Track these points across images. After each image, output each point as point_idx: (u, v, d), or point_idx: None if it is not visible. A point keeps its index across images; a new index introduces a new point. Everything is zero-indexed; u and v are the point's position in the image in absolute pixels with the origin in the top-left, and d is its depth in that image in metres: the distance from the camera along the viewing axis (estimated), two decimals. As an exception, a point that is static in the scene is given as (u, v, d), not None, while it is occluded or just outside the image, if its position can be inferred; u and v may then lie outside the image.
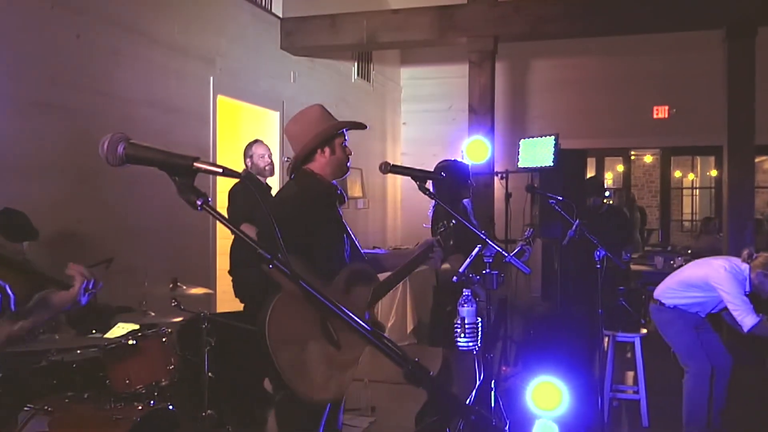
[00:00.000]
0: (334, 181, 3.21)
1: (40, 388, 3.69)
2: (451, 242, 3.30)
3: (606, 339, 5.62)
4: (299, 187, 3.12)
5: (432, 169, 4.39)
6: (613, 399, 5.72)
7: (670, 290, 5.20)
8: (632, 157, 14.34)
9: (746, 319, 4.75)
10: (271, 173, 5.77)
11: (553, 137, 6.60)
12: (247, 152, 5.70)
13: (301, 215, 2.97)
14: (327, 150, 3.13)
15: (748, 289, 4.90)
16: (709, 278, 4.98)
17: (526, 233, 4.96)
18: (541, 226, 6.72)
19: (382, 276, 3.25)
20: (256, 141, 5.77)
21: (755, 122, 7.14)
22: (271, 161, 5.72)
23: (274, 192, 6.24)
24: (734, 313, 4.81)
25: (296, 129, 3.18)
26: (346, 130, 3.21)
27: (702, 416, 4.98)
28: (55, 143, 4.96)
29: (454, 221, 3.26)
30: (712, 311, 5.09)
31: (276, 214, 2.97)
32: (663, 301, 5.18)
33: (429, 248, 3.29)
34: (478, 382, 4.27)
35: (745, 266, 4.95)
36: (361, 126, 3.30)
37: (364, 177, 10.10)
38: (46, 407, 3.47)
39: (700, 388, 4.96)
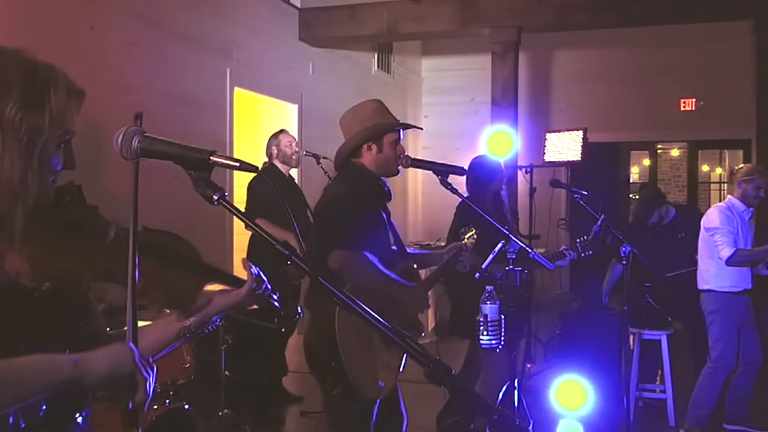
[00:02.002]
0: (383, 179, 3.24)
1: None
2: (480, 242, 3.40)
3: (632, 337, 5.50)
4: (348, 183, 3.15)
5: (453, 163, 4.31)
6: (639, 398, 5.61)
7: (704, 272, 5.07)
8: (659, 151, 14.12)
9: (723, 251, 4.77)
10: (297, 163, 5.78)
11: (581, 131, 6.48)
12: (273, 141, 5.68)
13: (355, 212, 3.02)
14: (374, 147, 3.14)
15: (743, 209, 4.90)
16: (705, 225, 4.97)
17: (577, 241, 4.80)
18: (570, 221, 6.59)
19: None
20: (282, 131, 5.77)
21: (785, 115, 7.01)
22: (298, 150, 5.73)
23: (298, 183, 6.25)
24: (717, 246, 4.82)
25: (348, 121, 3.23)
26: (402, 130, 3.24)
27: (708, 410, 4.97)
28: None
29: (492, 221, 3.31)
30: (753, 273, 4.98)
31: (330, 214, 3.09)
32: (708, 288, 5.03)
33: (458, 252, 3.37)
34: (503, 378, 4.19)
35: (728, 197, 5.03)
36: (415, 127, 3.38)
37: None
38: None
39: (715, 383, 4.94)
